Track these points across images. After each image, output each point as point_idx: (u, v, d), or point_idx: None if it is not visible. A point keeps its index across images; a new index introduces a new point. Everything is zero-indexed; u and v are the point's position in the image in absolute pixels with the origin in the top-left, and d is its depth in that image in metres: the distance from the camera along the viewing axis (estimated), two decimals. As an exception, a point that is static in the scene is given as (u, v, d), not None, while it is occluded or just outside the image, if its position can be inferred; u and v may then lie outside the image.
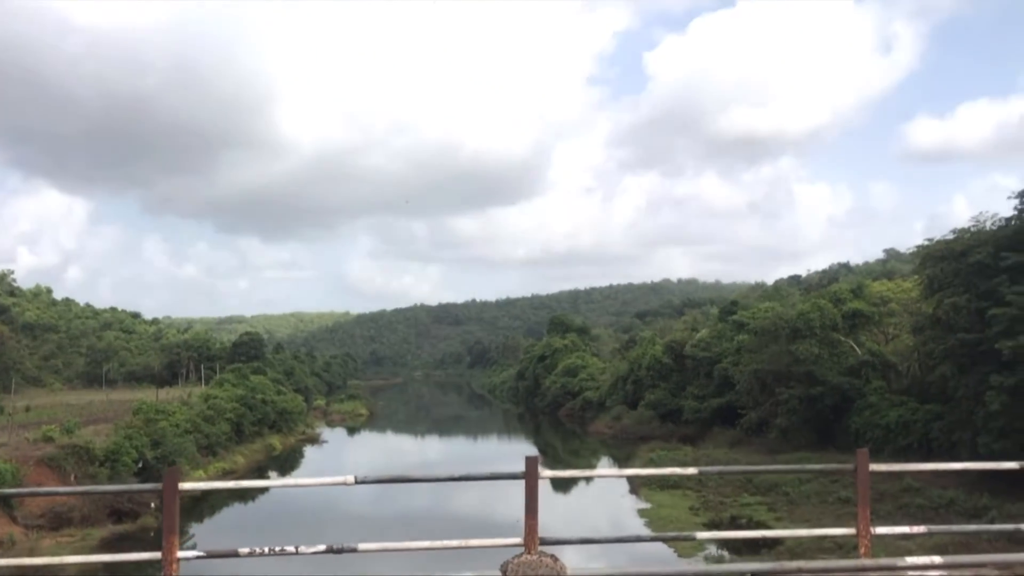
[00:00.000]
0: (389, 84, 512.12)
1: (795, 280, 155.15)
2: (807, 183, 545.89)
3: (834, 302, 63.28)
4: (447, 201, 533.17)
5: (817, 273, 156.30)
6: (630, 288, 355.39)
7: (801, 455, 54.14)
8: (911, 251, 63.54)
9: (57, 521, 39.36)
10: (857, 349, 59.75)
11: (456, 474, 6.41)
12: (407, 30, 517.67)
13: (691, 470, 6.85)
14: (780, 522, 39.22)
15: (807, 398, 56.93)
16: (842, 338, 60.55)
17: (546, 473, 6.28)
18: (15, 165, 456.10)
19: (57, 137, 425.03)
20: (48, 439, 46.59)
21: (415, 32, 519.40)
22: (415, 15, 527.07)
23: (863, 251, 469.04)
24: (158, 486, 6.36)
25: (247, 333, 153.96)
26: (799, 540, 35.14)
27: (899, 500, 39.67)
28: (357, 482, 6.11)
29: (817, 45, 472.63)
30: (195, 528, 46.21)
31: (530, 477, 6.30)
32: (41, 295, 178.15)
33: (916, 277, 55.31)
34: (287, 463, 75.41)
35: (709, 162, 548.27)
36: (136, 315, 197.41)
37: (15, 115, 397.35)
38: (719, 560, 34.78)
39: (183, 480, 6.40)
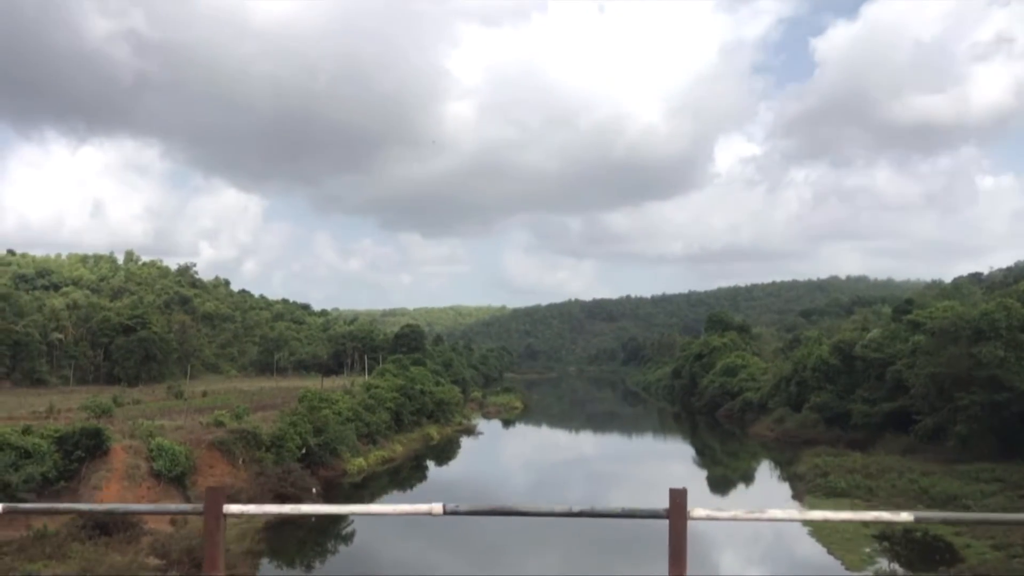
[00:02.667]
0: (547, 78, 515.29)
1: (976, 278, 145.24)
2: (991, 174, 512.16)
3: (1022, 301, 58.32)
4: (602, 196, 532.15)
5: (1001, 270, 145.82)
6: (794, 285, 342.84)
7: (983, 466, 50.17)
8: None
9: (226, 502, 41.17)
10: (1049, 353, 54.78)
11: (575, 508, 4.83)
12: (566, 21, 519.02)
13: (904, 515, 4.85)
14: (960, 538, 36.25)
15: (990, 405, 52.63)
16: (1032, 341, 55.66)
17: (699, 512, 4.79)
18: (196, 164, 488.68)
19: (233, 137, 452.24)
20: (219, 424, 48.96)
21: (574, 24, 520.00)
22: (575, 6, 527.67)
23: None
24: (199, 507, 5.09)
25: (408, 325, 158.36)
26: (983, 558, 32.43)
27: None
28: (446, 512, 4.77)
29: (1000, 24, 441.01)
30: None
31: (676, 516, 4.70)
32: (219, 287, 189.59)
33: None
34: (444, 452, 76.73)
35: (881, 152, 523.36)
36: (306, 307, 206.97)
37: (195, 116, 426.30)
38: (892, 575, 32.50)
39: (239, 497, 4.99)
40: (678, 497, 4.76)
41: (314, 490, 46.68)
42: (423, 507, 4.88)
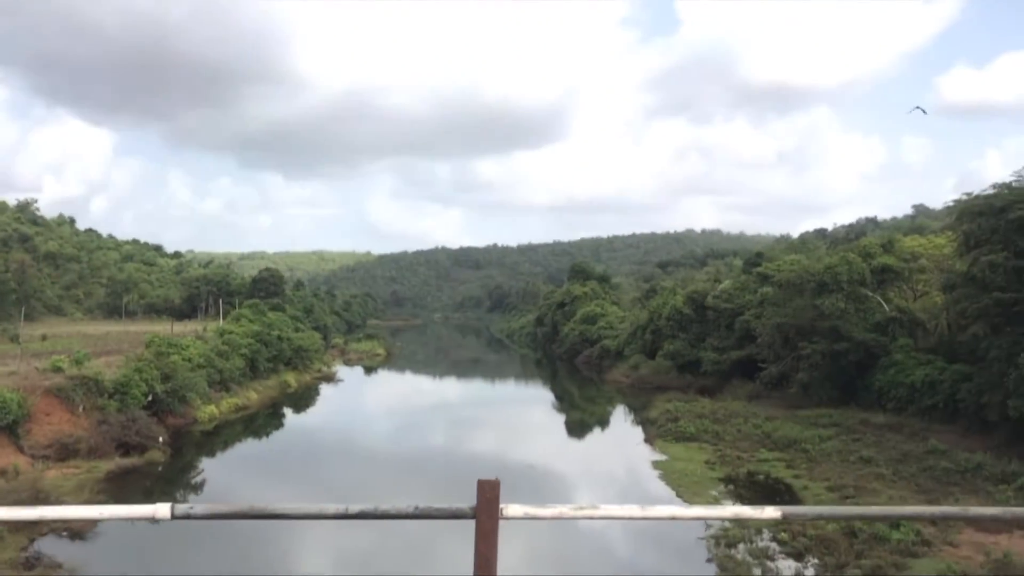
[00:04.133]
0: (416, 22, 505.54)
1: (821, 233, 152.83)
2: (839, 134, 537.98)
3: (863, 256, 61.47)
4: (471, 144, 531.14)
5: (844, 227, 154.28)
6: (653, 237, 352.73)
7: (821, 412, 53.04)
8: (946, 206, 61.34)
9: (64, 452, 38.94)
10: (885, 305, 58.12)
11: (353, 509, 3.53)
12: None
13: (769, 511, 3.74)
14: (799, 480, 38.21)
15: (831, 353, 55.53)
16: (870, 293, 58.89)
17: (514, 510, 3.55)
18: (38, 93, 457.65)
19: (80, 65, 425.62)
20: (58, 369, 46.05)
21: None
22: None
23: (891, 206, 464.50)
24: None
25: (267, 269, 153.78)
26: (819, 499, 34.21)
27: (924, 462, 38.47)
28: (174, 516, 3.49)
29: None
30: (206, 463, 45.89)
31: (486, 516, 3.50)
32: (64, 225, 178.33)
33: (949, 233, 53.45)
34: (302, 400, 75.21)
35: (739, 110, 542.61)
36: (158, 248, 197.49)
37: (37, 40, 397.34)
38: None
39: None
40: (488, 491, 3.53)
41: (160, 439, 44.79)
42: (146, 509, 3.60)
